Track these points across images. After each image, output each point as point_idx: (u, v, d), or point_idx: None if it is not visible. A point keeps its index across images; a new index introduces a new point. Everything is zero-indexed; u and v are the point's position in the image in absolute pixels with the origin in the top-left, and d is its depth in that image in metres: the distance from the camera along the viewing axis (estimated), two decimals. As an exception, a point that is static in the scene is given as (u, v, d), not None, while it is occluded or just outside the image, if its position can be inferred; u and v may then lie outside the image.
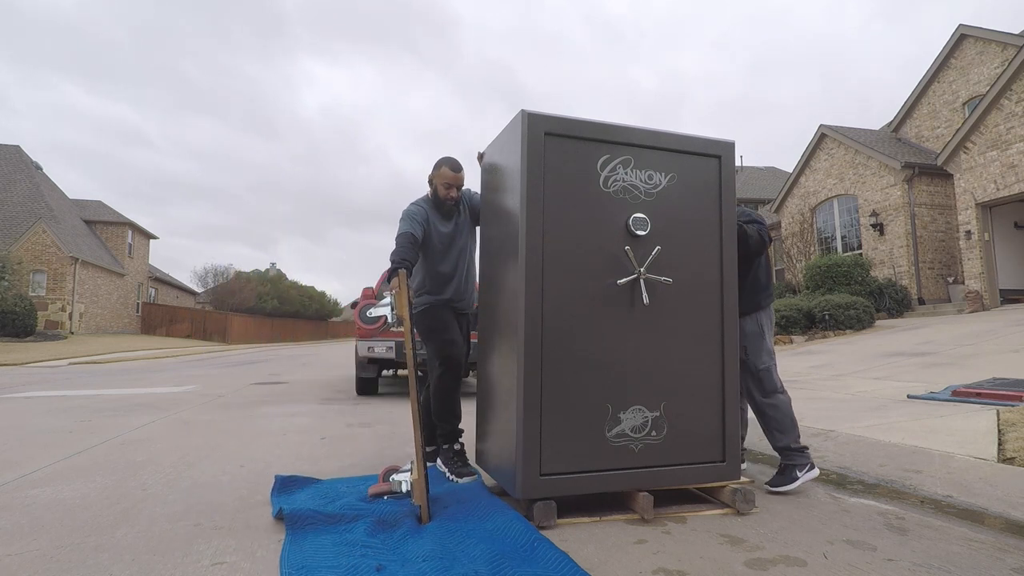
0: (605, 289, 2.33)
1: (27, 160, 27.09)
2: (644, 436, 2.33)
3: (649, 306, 2.36)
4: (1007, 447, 2.84)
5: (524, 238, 2.24)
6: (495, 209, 2.64)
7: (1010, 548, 1.93)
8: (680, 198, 2.47)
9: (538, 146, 2.28)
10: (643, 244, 2.38)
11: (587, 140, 2.36)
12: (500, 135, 2.59)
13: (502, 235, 2.50)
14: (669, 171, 2.46)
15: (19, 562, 1.84)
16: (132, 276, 30.01)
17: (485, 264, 2.77)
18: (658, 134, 2.46)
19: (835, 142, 15.86)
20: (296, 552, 1.88)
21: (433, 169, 2.93)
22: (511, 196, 2.39)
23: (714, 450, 2.43)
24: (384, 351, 6.20)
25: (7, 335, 18.70)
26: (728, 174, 2.55)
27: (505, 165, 2.49)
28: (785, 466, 2.61)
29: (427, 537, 2.00)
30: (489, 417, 2.58)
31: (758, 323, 2.73)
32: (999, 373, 4.99)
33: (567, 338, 2.27)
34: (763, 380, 2.68)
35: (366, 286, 6.79)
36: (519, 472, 2.17)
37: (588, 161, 2.37)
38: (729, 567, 1.79)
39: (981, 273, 12.09)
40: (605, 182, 2.37)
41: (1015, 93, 11.46)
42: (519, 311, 2.22)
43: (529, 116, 2.28)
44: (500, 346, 2.46)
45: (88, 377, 9.41)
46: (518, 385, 2.19)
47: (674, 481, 2.36)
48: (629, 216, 2.38)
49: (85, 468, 3.09)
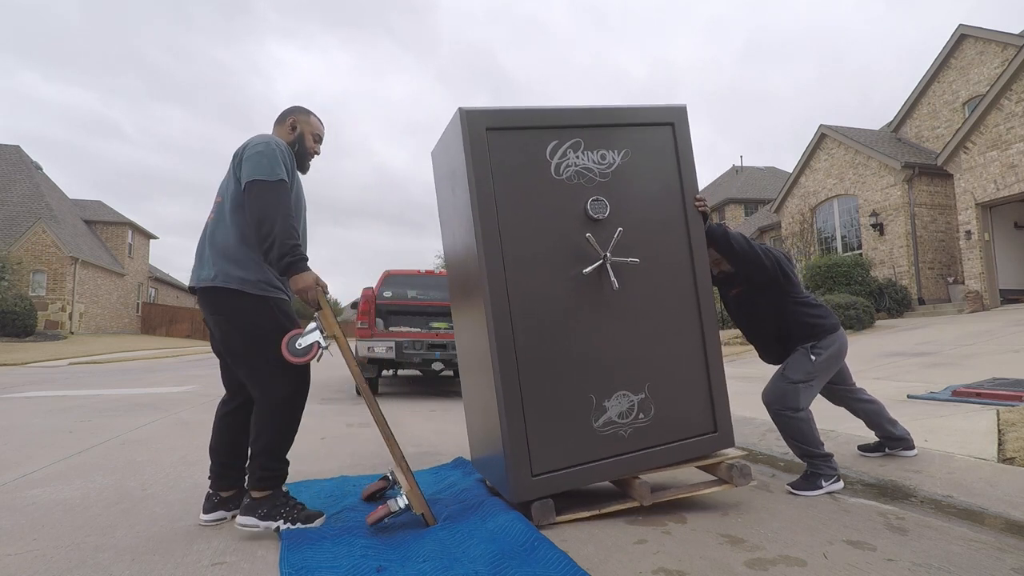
0: (572, 280, 2.28)
1: (27, 160, 27.09)
2: (632, 420, 2.31)
3: (620, 290, 2.30)
4: (1007, 447, 2.84)
5: (481, 240, 2.18)
6: (450, 211, 2.55)
7: (1010, 548, 1.93)
8: (637, 174, 2.42)
9: (481, 144, 2.21)
10: (604, 227, 2.32)
11: (532, 128, 2.29)
12: (443, 136, 2.49)
13: (461, 238, 2.43)
14: (622, 148, 2.40)
15: (19, 562, 1.84)
16: (132, 276, 30.00)
17: (452, 268, 2.69)
18: (605, 111, 2.39)
19: (835, 142, 15.86)
20: (296, 552, 1.88)
21: (299, 114, 2.39)
22: (462, 198, 2.31)
23: (705, 422, 2.42)
24: (384, 351, 6.21)
25: (7, 335, 18.70)
26: (684, 140, 2.49)
27: (452, 166, 2.41)
28: (811, 473, 2.56)
29: (428, 537, 2.00)
30: (477, 424, 2.56)
31: (809, 350, 2.59)
32: (999, 373, 4.99)
33: (540, 335, 2.23)
34: (787, 393, 2.57)
35: (366, 286, 6.79)
36: (510, 476, 2.15)
37: (536, 150, 2.29)
38: (729, 567, 1.79)
39: (981, 273, 12.09)
40: (557, 169, 2.31)
41: (1015, 93, 11.46)
42: (487, 315, 2.18)
43: (468, 113, 2.22)
44: (476, 351, 2.41)
45: (88, 377, 9.41)
46: (497, 389, 2.16)
47: (669, 459, 2.33)
48: (586, 201, 2.32)
49: (85, 468, 3.08)
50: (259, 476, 2.10)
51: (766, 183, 26.45)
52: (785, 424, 2.58)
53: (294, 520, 2.09)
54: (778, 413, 2.59)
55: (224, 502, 2.24)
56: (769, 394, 2.64)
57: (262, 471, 2.11)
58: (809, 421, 2.56)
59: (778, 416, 2.60)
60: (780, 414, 2.58)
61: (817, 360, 2.58)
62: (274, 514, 2.08)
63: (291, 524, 2.08)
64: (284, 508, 2.11)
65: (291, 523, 2.08)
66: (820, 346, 2.61)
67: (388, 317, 6.85)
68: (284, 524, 2.07)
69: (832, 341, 2.63)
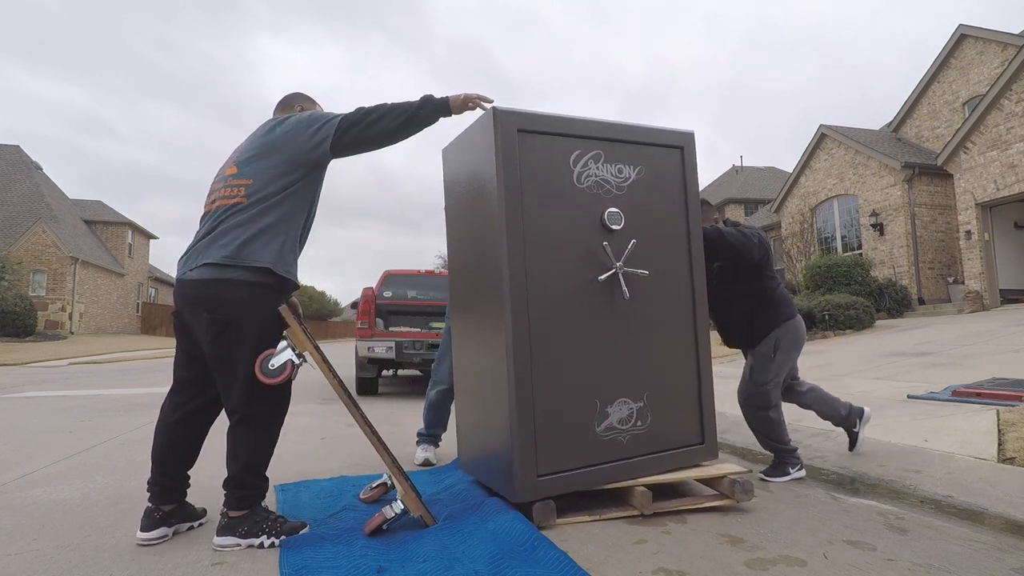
0: (586, 285, 2.35)
1: (27, 160, 27.10)
2: (631, 427, 2.38)
3: (627, 300, 2.39)
4: (1007, 447, 2.84)
5: (505, 239, 2.20)
6: (465, 210, 2.56)
7: (1010, 548, 1.93)
8: (648, 191, 2.51)
9: (512, 144, 2.24)
10: (618, 238, 2.40)
11: (558, 135, 2.34)
12: (466, 132, 2.52)
13: (476, 237, 2.44)
14: (637, 164, 2.50)
15: (19, 562, 1.84)
16: (132, 276, 30.00)
17: (460, 264, 2.68)
18: (625, 127, 2.48)
19: (835, 142, 15.86)
20: (296, 552, 1.88)
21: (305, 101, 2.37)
22: (486, 196, 2.32)
23: (694, 434, 2.53)
24: (384, 351, 6.20)
25: (7, 335, 18.70)
26: (690, 165, 2.63)
27: (474, 165, 2.42)
28: (779, 461, 2.79)
29: (428, 537, 2.00)
30: (475, 422, 2.56)
31: (773, 343, 2.75)
32: (999, 373, 4.99)
33: (553, 337, 2.27)
34: (758, 395, 2.77)
35: (366, 286, 6.79)
36: (516, 475, 2.16)
37: (561, 157, 2.34)
38: (729, 567, 1.79)
39: (981, 273, 12.09)
40: (578, 177, 2.37)
41: (1015, 93, 11.46)
42: (505, 314, 2.19)
43: (501, 113, 2.25)
44: (484, 349, 2.42)
45: (88, 377, 9.41)
46: (509, 389, 2.17)
47: (661, 467, 2.41)
48: (604, 211, 2.39)
49: (85, 468, 3.09)
50: (240, 496, 1.97)
51: (766, 183, 26.46)
52: (759, 421, 2.79)
53: (278, 534, 1.98)
54: (753, 413, 2.81)
55: (166, 517, 2.04)
56: (743, 395, 2.85)
57: (244, 490, 1.98)
58: (780, 420, 2.78)
59: (753, 415, 2.81)
60: (755, 414, 2.80)
61: (777, 358, 2.76)
62: (256, 531, 1.97)
63: (275, 539, 1.97)
64: (266, 523, 1.99)
65: (275, 537, 1.97)
66: (779, 338, 2.75)
67: (388, 317, 6.84)
68: (268, 539, 1.97)
69: (789, 329, 2.79)
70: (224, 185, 2.09)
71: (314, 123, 2.10)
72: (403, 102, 2.11)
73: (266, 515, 2.02)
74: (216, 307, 1.96)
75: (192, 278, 1.99)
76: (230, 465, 2.01)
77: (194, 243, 2.06)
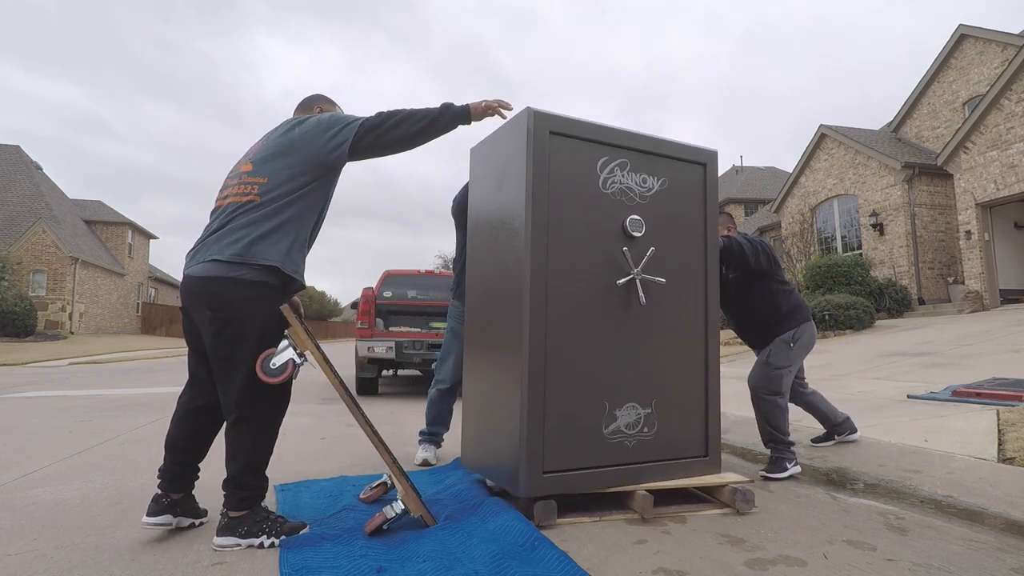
0: (604, 289, 2.38)
1: (27, 160, 27.10)
2: (637, 432, 2.40)
3: (643, 306, 2.42)
4: (1007, 447, 2.84)
5: (529, 238, 2.24)
6: (488, 209, 2.60)
7: (1010, 548, 1.93)
8: (670, 202, 2.57)
9: (543, 145, 2.29)
10: (638, 245, 2.44)
11: (588, 141, 2.40)
12: (498, 132, 2.58)
13: (500, 234, 2.48)
14: (661, 176, 2.55)
15: (19, 562, 1.84)
16: (132, 276, 30.01)
17: (476, 263, 2.71)
18: (651, 139, 2.54)
19: (835, 142, 15.86)
20: (296, 552, 1.88)
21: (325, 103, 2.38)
22: (512, 195, 2.37)
23: (698, 445, 2.54)
24: (384, 351, 6.20)
25: (7, 335, 18.70)
26: (712, 181, 2.69)
27: (503, 163, 2.48)
28: (776, 458, 2.84)
29: (428, 537, 2.00)
30: (483, 418, 2.57)
31: (792, 334, 2.90)
32: (999, 373, 4.99)
33: (569, 336, 2.30)
34: (772, 378, 2.87)
35: (366, 286, 6.79)
36: (523, 470, 2.18)
37: (588, 162, 2.40)
38: (729, 567, 1.79)
39: (981, 273, 12.09)
40: (604, 183, 2.42)
41: (1015, 93, 11.46)
42: (524, 312, 2.22)
43: (535, 114, 2.30)
44: (498, 345, 2.44)
45: (88, 377, 9.41)
46: (522, 385, 2.20)
47: (663, 475, 2.42)
48: (626, 218, 2.43)
49: (85, 468, 3.09)
50: (240, 496, 1.96)
51: (766, 183, 26.46)
52: (767, 408, 2.84)
53: (278, 534, 1.97)
54: (763, 396, 2.86)
55: (174, 505, 2.04)
56: (756, 379, 2.91)
57: (244, 491, 1.96)
58: (785, 408, 2.85)
59: (762, 399, 2.86)
60: (765, 397, 2.85)
61: (796, 348, 2.90)
62: (256, 531, 1.95)
63: (275, 539, 1.96)
64: (266, 523, 1.97)
65: (275, 537, 1.96)
66: (797, 334, 2.90)
67: (388, 317, 6.84)
68: (268, 539, 1.95)
69: (806, 329, 2.94)
70: (238, 182, 2.09)
71: (334, 125, 2.10)
72: (423, 108, 2.14)
73: (266, 515, 2.01)
74: (219, 305, 1.96)
75: (197, 273, 1.99)
76: (229, 465, 2.01)
77: (203, 238, 2.06)
